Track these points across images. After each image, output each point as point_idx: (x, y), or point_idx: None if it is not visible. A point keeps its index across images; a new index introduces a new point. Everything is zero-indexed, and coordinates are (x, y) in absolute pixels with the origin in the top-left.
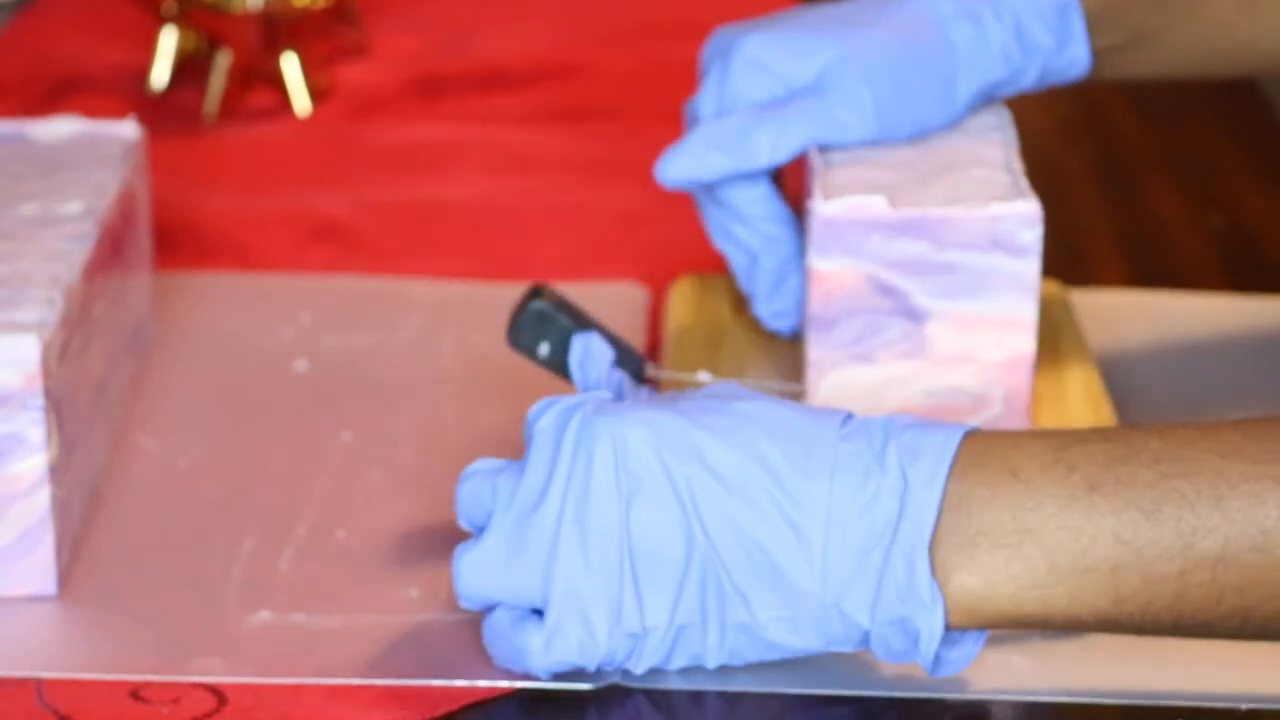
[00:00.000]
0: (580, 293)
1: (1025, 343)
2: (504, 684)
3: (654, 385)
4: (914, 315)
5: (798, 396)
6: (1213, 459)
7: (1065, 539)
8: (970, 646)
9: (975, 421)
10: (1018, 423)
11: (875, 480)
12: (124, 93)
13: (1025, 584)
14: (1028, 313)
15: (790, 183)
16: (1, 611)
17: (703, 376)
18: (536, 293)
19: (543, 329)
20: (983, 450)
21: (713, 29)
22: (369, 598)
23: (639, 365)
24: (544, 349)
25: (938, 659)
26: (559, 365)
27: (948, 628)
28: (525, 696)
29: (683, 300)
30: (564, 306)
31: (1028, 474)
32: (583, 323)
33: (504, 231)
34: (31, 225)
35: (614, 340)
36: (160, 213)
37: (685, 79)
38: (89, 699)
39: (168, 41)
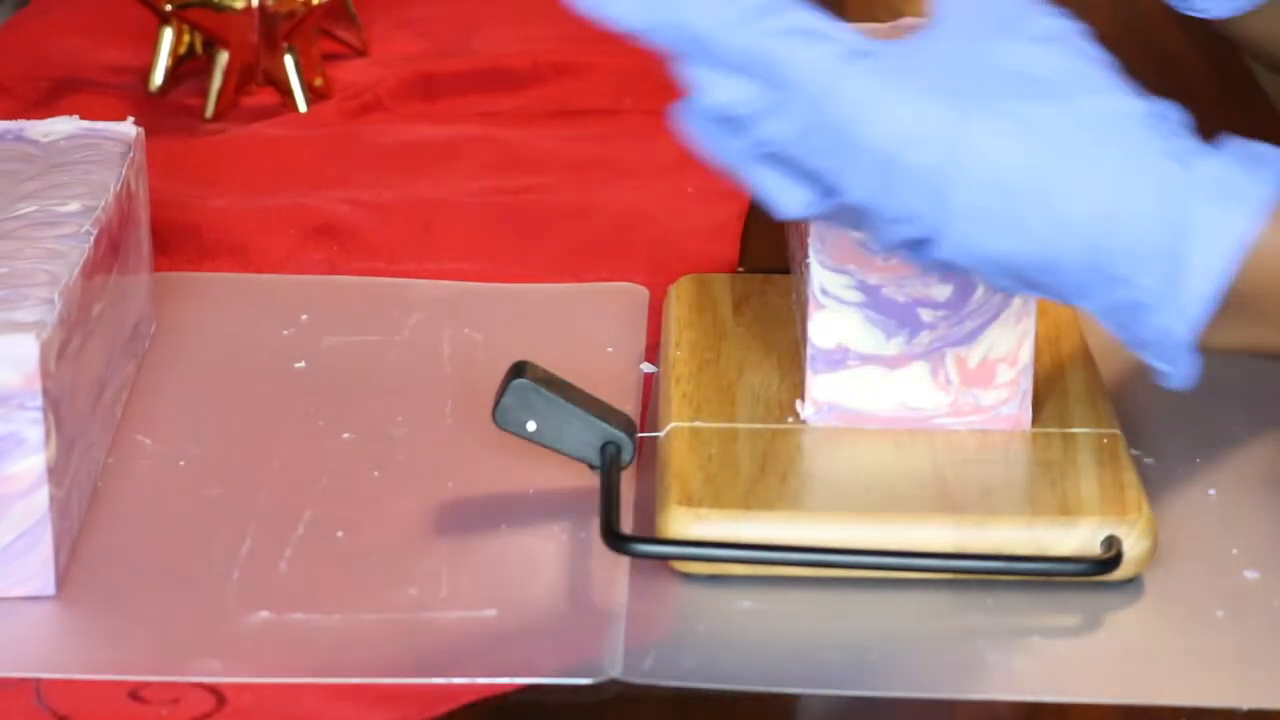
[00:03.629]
0: (580, 293)
1: (1025, 343)
2: (504, 683)
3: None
4: (915, 314)
5: None
6: None
7: None
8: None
9: (977, 421)
10: (1017, 423)
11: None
12: (123, 92)
13: None
14: (1027, 312)
15: None
16: (0, 612)
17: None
18: (519, 370)
19: (528, 406)
20: None
21: None
22: (369, 598)
23: (631, 429)
24: (531, 425)
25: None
26: (549, 440)
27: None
28: (525, 695)
29: (683, 300)
30: (547, 380)
31: None
32: (568, 394)
33: (504, 231)
34: (30, 225)
35: (602, 406)
36: (159, 212)
37: None
38: (88, 699)
39: (167, 41)
